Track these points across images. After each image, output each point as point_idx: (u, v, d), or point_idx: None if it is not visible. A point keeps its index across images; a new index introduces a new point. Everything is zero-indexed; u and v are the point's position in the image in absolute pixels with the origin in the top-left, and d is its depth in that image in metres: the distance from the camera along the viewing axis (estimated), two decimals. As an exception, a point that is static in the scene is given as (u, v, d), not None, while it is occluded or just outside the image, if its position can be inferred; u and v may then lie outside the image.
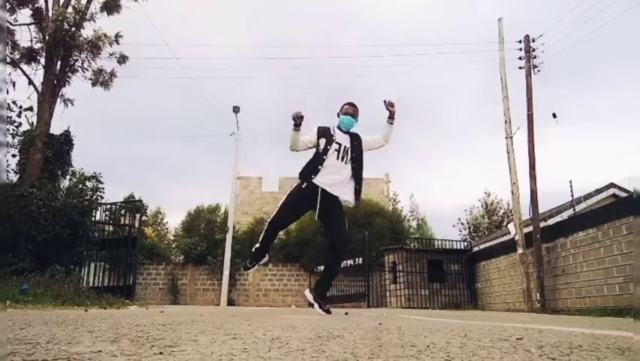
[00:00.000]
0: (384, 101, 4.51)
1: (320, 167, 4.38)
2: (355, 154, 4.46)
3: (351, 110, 4.53)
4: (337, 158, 4.40)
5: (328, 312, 4.26)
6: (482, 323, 3.04)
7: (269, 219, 4.59)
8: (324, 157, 4.38)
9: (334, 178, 4.36)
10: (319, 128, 4.54)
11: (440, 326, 2.47)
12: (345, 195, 4.41)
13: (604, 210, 8.17)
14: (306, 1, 57.65)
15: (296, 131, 4.38)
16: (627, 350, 1.37)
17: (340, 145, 4.44)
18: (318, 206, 4.33)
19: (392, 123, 4.59)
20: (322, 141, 4.43)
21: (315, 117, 4.87)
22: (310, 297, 4.46)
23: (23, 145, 9.33)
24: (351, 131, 4.56)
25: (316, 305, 4.35)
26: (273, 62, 37.86)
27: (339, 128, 4.53)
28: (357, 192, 4.49)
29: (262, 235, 4.61)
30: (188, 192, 46.36)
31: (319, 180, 4.35)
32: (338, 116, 4.56)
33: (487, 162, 48.14)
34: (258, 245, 4.64)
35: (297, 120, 4.33)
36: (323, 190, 4.32)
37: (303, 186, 4.38)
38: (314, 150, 4.50)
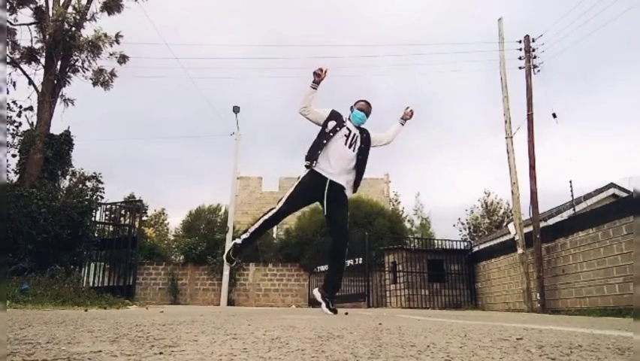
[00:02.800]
0: (407, 108, 4.81)
1: (325, 142, 4.32)
2: (364, 145, 4.47)
3: (364, 107, 4.56)
4: (345, 143, 4.37)
5: (335, 312, 4.19)
6: (482, 323, 3.04)
7: (274, 210, 4.35)
8: (331, 135, 4.33)
9: (341, 166, 4.34)
10: (334, 110, 4.51)
11: (440, 326, 2.47)
12: (347, 185, 4.43)
13: (604, 210, 8.17)
14: (306, 1, 57.67)
15: (313, 89, 4.31)
16: (627, 350, 1.37)
17: (350, 132, 4.42)
18: (325, 200, 4.29)
19: (403, 124, 4.85)
20: (332, 123, 4.39)
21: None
22: (318, 295, 4.37)
23: (23, 145, 9.32)
24: (361, 126, 4.59)
25: (323, 304, 4.27)
26: (273, 62, 37.87)
27: (349, 119, 4.54)
28: (357, 183, 4.51)
29: (258, 225, 4.40)
30: (188, 192, 46.44)
31: (326, 168, 4.31)
32: (351, 110, 4.56)
33: (487, 162, 48.18)
34: (247, 236, 4.45)
35: (318, 77, 4.25)
36: (331, 181, 4.29)
37: (314, 166, 4.29)
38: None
